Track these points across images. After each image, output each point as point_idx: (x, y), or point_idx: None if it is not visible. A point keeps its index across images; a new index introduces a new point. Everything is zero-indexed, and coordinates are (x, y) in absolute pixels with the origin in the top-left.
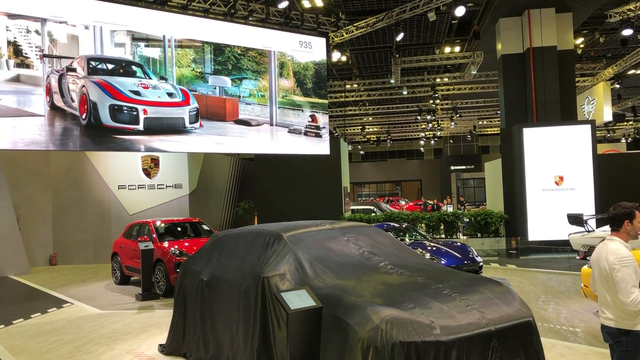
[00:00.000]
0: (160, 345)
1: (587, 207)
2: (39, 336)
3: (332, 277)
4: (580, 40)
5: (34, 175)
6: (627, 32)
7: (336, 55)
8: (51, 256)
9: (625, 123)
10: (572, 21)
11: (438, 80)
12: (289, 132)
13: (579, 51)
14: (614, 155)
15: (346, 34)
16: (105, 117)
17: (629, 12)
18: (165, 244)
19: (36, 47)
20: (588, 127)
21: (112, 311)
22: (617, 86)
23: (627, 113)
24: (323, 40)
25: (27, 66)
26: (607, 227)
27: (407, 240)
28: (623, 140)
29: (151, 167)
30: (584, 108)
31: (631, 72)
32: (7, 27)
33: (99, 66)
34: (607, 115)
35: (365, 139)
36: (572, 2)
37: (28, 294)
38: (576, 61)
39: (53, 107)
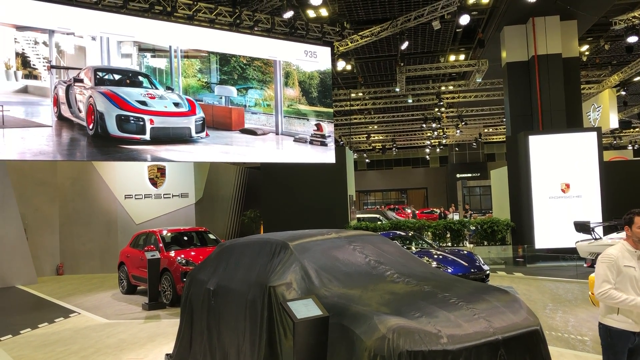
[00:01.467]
0: (167, 354)
1: (594, 214)
2: (46, 346)
3: (339, 286)
4: (585, 47)
5: (41, 186)
6: (632, 39)
7: (341, 64)
8: (58, 266)
9: (631, 130)
10: (577, 29)
11: (443, 88)
12: (294, 141)
13: (584, 58)
14: (621, 162)
15: (351, 43)
16: (112, 127)
17: (633, 20)
18: (172, 254)
19: (44, 58)
20: (594, 134)
21: (118, 321)
22: (623, 93)
23: (634, 120)
24: (328, 49)
25: (35, 77)
26: (614, 235)
27: (413, 248)
28: (630, 147)
29: (157, 176)
30: (590, 115)
31: (637, 79)
32: (15, 38)
33: (106, 77)
34: (613, 122)
35: (371, 147)
36: (577, 9)
37: (35, 303)
38: (581, 68)
39: (60, 118)
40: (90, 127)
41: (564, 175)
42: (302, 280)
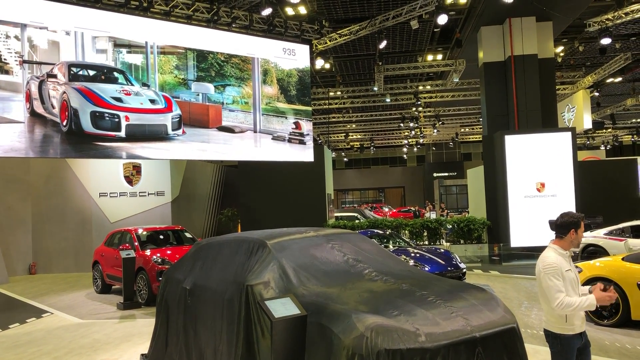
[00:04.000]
0: (142, 355)
1: None
2: (17, 347)
3: (317, 285)
4: (560, 48)
5: (13, 183)
6: (606, 41)
7: (320, 63)
8: (30, 265)
9: (604, 131)
10: (552, 30)
11: (421, 87)
12: (272, 139)
13: (559, 59)
14: (594, 162)
15: (329, 41)
16: (87, 124)
17: (607, 22)
18: (148, 252)
19: (16, 52)
20: (569, 134)
21: (93, 320)
22: (597, 94)
23: (606, 121)
24: (307, 47)
25: (7, 72)
26: (588, 233)
27: (390, 247)
28: (602, 148)
29: (133, 174)
30: (565, 116)
31: (609, 80)
32: None
33: (80, 72)
34: (587, 122)
35: (349, 146)
36: (552, 11)
37: (6, 303)
38: (556, 69)
39: (33, 114)
40: (64, 123)
41: (539, 174)
42: (280, 279)
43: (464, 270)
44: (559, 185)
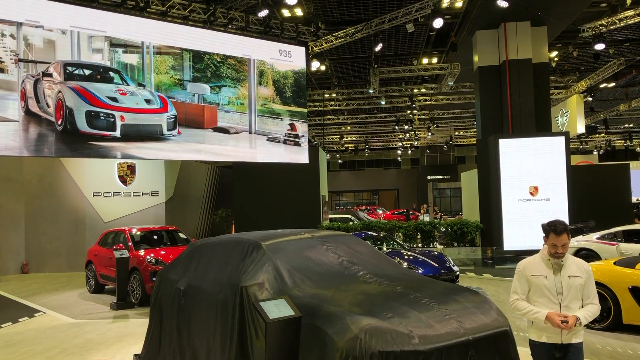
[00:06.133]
0: (136, 355)
1: (561, 217)
2: (9, 347)
3: (311, 287)
4: (554, 53)
5: (6, 182)
6: (600, 46)
7: (315, 65)
8: (23, 264)
9: (597, 135)
10: (547, 35)
11: (416, 90)
12: (267, 140)
13: (554, 64)
14: (587, 166)
15: (325, 43)
16: (82, 123)
17: (601, 27)
18: (141, 252)
19: (11, 51)
20: (562, 138)
21: (85, 320)
22: (590, 99)
23: (599, 125)
24: (302, 49)
25: (2, 70)
26: (580, 237)
27: (384, 249)
28: (595, 152)
29: (127, 174)
30: (558, 120)
31: (603, 85)
32: None
33: (76, 72)
34: (580, 127)
35: (344, 148)
36: (547, 16)
37: None
38: (550, 74)
39: (28, 113)
40: (59, 122)
41: (532, 178)
42: (274, 280)
43: (457, 273)
44: (552, 190)
